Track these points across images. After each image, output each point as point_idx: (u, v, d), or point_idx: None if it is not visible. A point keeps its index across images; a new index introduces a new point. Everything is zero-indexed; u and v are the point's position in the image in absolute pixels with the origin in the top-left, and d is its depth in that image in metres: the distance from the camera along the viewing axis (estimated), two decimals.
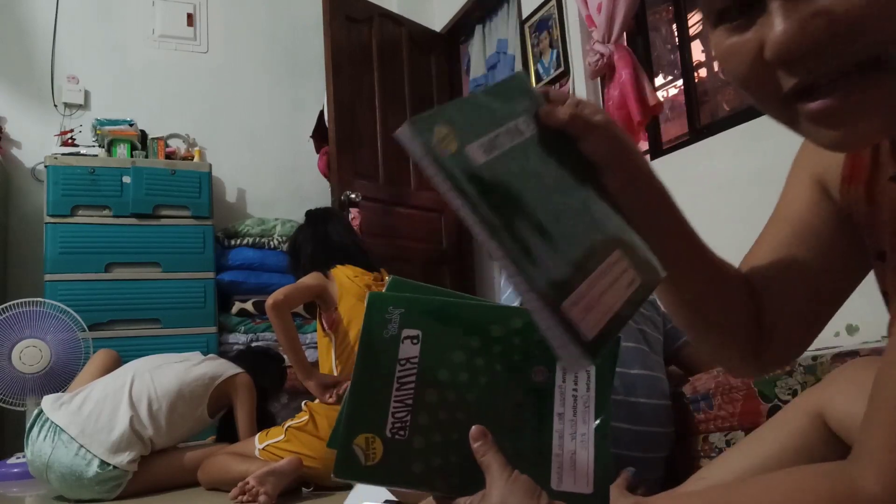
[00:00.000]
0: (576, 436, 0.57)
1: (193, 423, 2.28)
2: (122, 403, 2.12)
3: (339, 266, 2.26)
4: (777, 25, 0.41)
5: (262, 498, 1.80)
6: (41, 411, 2.12)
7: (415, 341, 0.57)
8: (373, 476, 0.54)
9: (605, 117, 0.55)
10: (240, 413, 2.31)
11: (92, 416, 2.08)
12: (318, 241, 2.35)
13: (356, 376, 0.56)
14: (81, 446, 2.02)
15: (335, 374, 2.16)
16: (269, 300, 2.08)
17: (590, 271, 0.47)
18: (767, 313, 0.66)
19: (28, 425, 2.13)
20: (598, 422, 0.58)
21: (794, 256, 0.65)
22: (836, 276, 0.64)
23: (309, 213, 2.56)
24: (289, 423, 2.09)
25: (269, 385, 2.64)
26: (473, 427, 0.55)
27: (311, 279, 2.20)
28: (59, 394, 2.23)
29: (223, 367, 2.36)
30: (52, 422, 2.07)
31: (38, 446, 2.05)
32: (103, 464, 2.02)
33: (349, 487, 1.86)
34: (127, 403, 2.12)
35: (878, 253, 0.57)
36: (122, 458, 2.05)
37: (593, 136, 0.53)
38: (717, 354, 0.68)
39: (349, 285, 2.20)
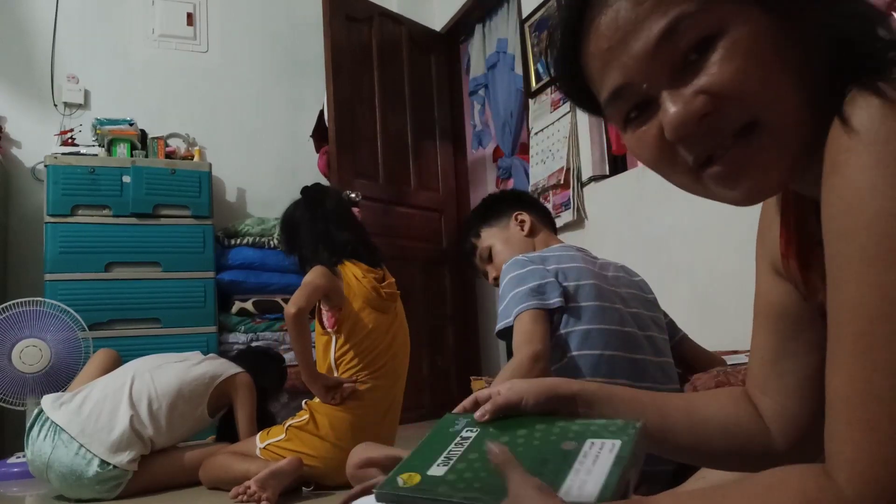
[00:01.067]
0: (584, 487, 0.58)
1: (193, 423, 2.28)
2: (122, 403, 2.12)
3: (346, 262, 2.17)
4: (669, 109, 0.50)
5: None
6: (41, 411, 2.12)
7: (474, 431, 0.66)
8: (404, 494, 0.59)
9: (516, 391, 0.69)
10: (240, 413, 2.31)
11: (92, 416, 2.08)
12: (320, 237, 2.22)
13: (421, 442, 0.66)
14: (81, 446, 2.02)
15: (335, 373, 2.15)
16: (292, 309, 1.97)
17: (570, 466, 0.58)
18: (770, 414, 0.69)
19: (28, 425, 2.13)
20: (608, 475, 0.59)
21: (781, 349, 0.69)
22: None
23: (306, 193, 2.38)
24: (289, 422, 2.09)
25: (270, 385, 2.64)
26: (493, 444, 0.59)
27: (320, 278, 2.08)
28: (60, 393, 2.23)
29: (223, 367, 2.35)
30: (53, 421, 2.07)
31: (39, 446, 2.05)
32: (103, 463, 2.02)
33: (349, 487, 1.86)
34: (127, 403, 2.12)
35: (823, 314, 0.62)
36: (123, 458, 2.05)
37: (525, 404, 0.68)
38: (742, 471, 0.72)
39: (357, 286, 2.13)
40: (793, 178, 0.53)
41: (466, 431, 0.66)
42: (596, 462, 0.60)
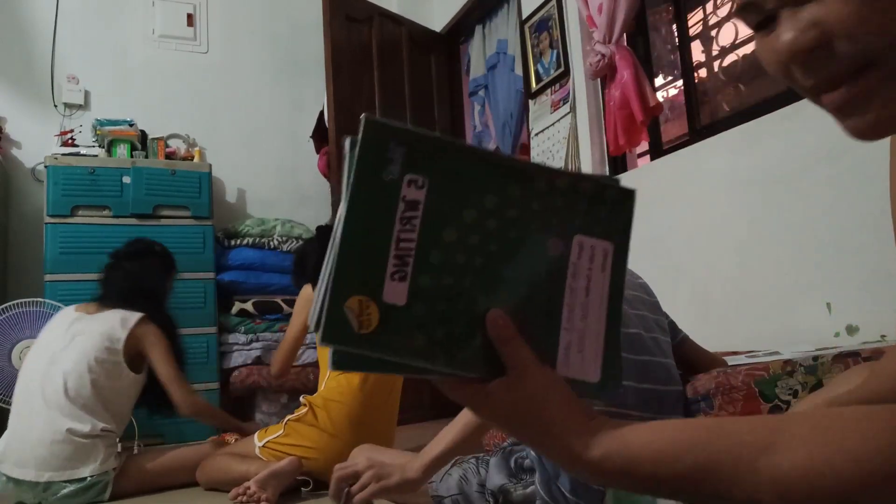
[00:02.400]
0: (587, 315, 0.53)
1: (130, 386, 2.17)
2: (49, 423, 1.99)
3: None
4: (781, 35, 0.48)
5: None
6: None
7: (420, 186, 0.48)
8: (367, 345, 0.46)
9: None
10: (154, 360, 2.16)
11: (36, 452, 1.97)
12: (319, 267, 2.38)
13: (346, 226, 0.47)
14: (48, 482, 1.96)
15: (326, 373, 2.20)
16: (276, 376, 2.40)
17: (560, 304, 0.51)
18: None
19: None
20: (610, 306, 0.54)
21: None
22: None
23: (320, 231, 2.64)
24: (288, 417, 2.11)
25: (161, 280, 2.42)
26: (493, 311, 0.50)
27: (299, 315, 2.34)
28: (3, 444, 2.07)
29: (118, 323, 2.18)
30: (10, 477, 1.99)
31: (20, 496, 1.99)
32: (77, 480, 1.97)
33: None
34: (50, 421, 1.99)
35: None
36: (92, 468, 1.99)
37: None
38: None
39: None
40: None
41: (410, 187, 0.48)
42: (589, 292, 0.53)
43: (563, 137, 2.86)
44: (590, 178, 0.53)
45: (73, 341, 2.13)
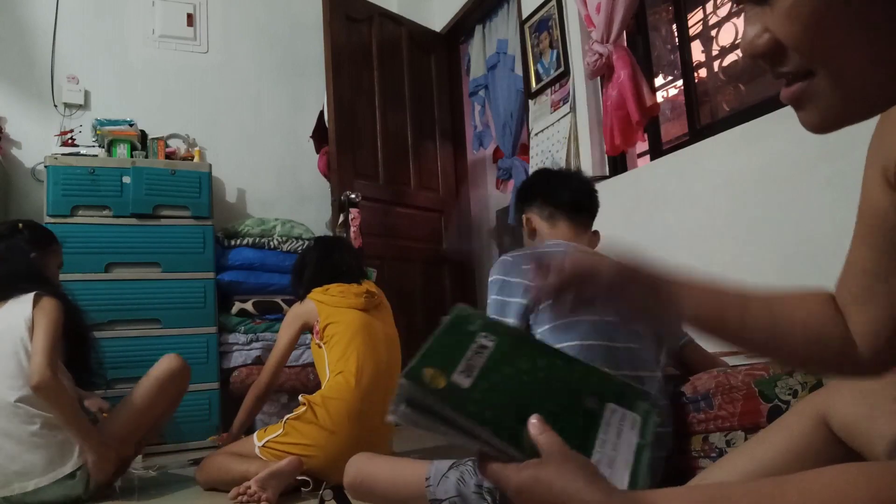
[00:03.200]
0: (614, 464, 0.60)
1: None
2: (17, 434, 1.90)
3: (315, 290, 2.37)
4: (744, 31, 0.53)
5: None
6: None
7: (490, 340, 0.66)
8: (431, 396, 0.58)
9: (575, 267, 0.70)
10: (35, 326, 2.00)
11: (13, 466, 1.90)
12: (314, 281, 2.42)
13: (439, 333, 0.65)
14: (36, 489, 1.90)
15: (327, 372, 2.20)
16: (265, 384, 2.36)
17: (595, 435, 0.61)
18: (860, 324, 0.68)
19: None
20: (637, 452, 0.63)
21: (886, 262, 0.65)
22: None
23: (319, 241, 2.69)
24: (287, 416, 2.11)
25: (35, 255, 2.28)
26: (535, 415, 0.60)
27: (289, 327, 2.38)
28: None
29: (18, 312, 2.05)
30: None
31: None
32: (66, 477, 1.93)
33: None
34: (21, 429, 1.91)
35: None
36: (74, 462, 1.93)
37: (598, 280, 0.70)
38: (815, 373, 0.72)
39: (326, 298, 2.33)
40: (874, 111, 0.53)
41: (483, 338, 0.66)
42: (620, 436, 0.63)
43: (563, 137, 2.86)
44: (615, 378, 0.69)
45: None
